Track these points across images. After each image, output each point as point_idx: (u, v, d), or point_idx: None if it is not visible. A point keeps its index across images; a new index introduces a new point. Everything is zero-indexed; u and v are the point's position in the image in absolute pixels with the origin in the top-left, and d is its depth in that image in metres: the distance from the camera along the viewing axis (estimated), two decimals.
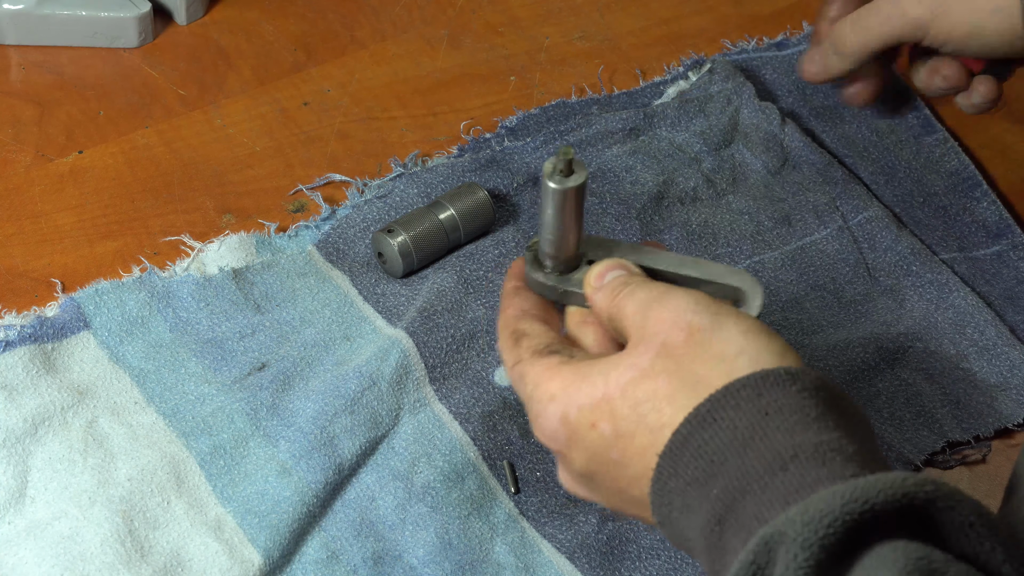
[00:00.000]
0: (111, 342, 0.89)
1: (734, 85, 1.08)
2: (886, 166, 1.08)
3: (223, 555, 0.81)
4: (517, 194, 1.00)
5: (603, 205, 1.00)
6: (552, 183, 0.70)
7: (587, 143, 1.03)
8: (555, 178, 0.70)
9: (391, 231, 0.94)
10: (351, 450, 0.85)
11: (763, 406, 0.60)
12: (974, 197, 1.06)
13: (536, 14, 1.16)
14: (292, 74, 1.09)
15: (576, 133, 1.04)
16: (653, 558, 0.84)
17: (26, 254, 0.95)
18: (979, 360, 0.95)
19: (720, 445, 0.60)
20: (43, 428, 0.85)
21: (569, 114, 1.07)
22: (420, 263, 0.95)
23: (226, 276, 0.93)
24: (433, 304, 0.92)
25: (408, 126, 1.06)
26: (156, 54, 1.09)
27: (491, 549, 0.84)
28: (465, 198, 0.96)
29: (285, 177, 1.02)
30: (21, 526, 0.81)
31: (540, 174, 0.74)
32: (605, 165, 1.02)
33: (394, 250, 0.94)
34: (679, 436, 0.62)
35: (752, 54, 1.13)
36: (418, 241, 0.94)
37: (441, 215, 0.95)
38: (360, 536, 0.83)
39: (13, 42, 1.07)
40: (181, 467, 0.85)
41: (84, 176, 1.00)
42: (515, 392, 0.86)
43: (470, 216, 0.96)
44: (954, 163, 1.08)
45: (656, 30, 1.16)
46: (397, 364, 0.88)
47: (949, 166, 1.08)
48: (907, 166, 1.08)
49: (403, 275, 0.95)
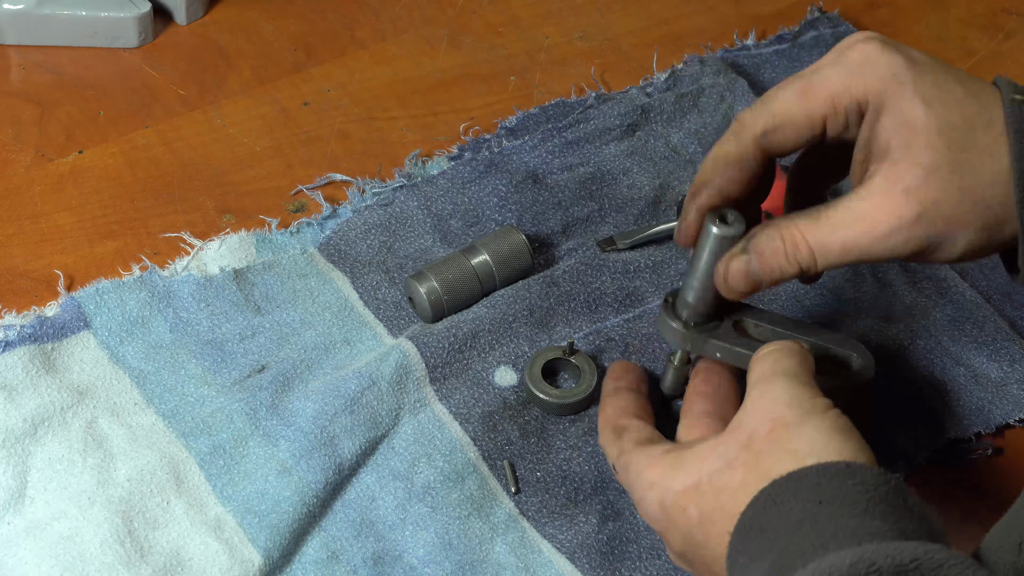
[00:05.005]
0: (111, 342, 0.89)
1: (726, 81, 1.08)
2: None
3: (223, 555, 0.81)
4: (517, 192, 1.00)
5: (602, 212, 1.00)
6: (715, 228, 0.77)
7: (584, 140, 1.03)
8: (718, 224, 0.77)
9: (422, 276, 0.92)
10: (351, 450, 0.85)
11: (819, 495, 0.66)
12: None
13: (536, 14, 1.16)
14: (292, 74, 1.09)
15: (574, 130, 1.04)
16: (653, 558, 0.84)
17: (26, 254, 0.95)
18: (979, 356, 0.95)
19: (776, 525, 0.66)
20: (43, 428, 0.85)
21: (568, 114, 1.07)
22: (451, 310, 0.92)
23: (227, 277, 0.93)
24: None
25: (408, 126, 1.06)
26: (156, 54, 1.09)
27: (491, 549, 0.84)
28: (501, 242, 0.93)
29: (285, 177, 1.02)
30: (21, 526, 0.81)
31: (703, 225, 0.79)
32: (603, 166, 1.02)
33: (423, 298, 0.91)
34: (745, 517, 0.68)
35: (753, 51, 1.13)
36: (449, 288, 0.92)
37: (474, 260, 0.93)
38: (360, 536, 0.83)
39: (13, 42, 1.07)
40: (181, 467, 0.85)
41: (84, 176, 1.00)
42: (524, 404, 0.89)
43: (506, 262, 0.93)
44: None
45: (656, 30, 1.16)
46: (397, 364, 0.88)
47: None
48: None
49: (434, 321, 0.93)
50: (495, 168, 1.01)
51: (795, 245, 0.77)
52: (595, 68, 1.12)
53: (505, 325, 0.92)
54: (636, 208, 1.01)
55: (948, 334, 0.96)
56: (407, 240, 0.97)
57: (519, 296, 0.93)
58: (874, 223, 0.76)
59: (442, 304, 0.92)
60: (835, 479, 0.66)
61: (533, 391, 0.89)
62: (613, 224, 1.00)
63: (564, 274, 0.96)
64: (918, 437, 0.91)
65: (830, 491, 0.66)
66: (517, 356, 0.91)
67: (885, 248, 0.76)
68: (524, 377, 0.90)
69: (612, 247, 0.98)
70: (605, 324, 0.94)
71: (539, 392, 0.89)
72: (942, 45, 1.18)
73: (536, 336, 0.93)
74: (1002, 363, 0.94)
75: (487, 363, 0.91)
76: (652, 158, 1.04)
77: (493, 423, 0.88)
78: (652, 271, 0.98)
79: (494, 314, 0.92)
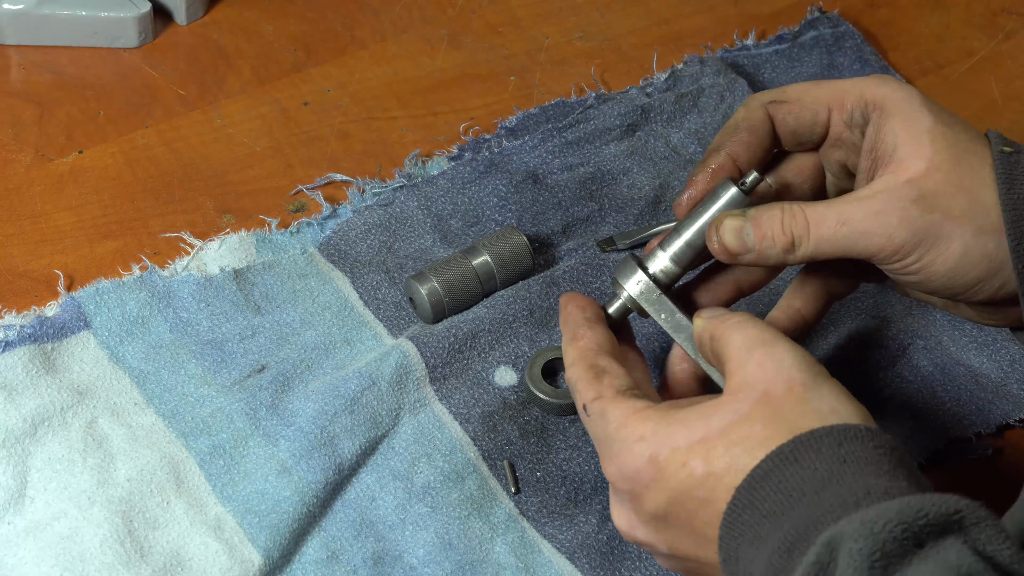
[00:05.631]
0: (111, 342, 0.89)
1: (726, 81, 1.08)
2: None
3: (223, 555, 0.81)
4: (517, 192, 1.00)
5: (602, 212, 1.00)
6: (732, 186, 0.79)
7: (584, 140, 1.03)
8: (735, 184, 0.80)
9: (422, 277, 0.92)
10: (351, 450, 0.85)
11: (843, 454, 0.66)
12: None
13: (536, 14, 1.16)
14: (292, 74, 1.09)
15: (574, 130, 1.04)
16: (653, 558, 0.84)
17: (26, 254, 0.95)
18: (979, 356, 0.95)
19: (799, 482, 0.65)
20: (43, 428, 0.85)
21: (568, 114, 1.07)
22: (452, 311, 0.92)
23: (227, 277, 0.93)
24: None
25: (408, 126, 1.06)
26: (156, 54, 1.09)
27: (491, 549, 0.84)
28: (502, 243, 0.94)
29: (285, 177, 1.02)
30: (20, 526, 0.81)
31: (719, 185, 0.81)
32: (603, 166, 1.02)
33: (424, 298, 0.91)
34: (760, 470, 0.66)
35: (753, 51, 1.13)
36: (450, 289, 0.92)
37: (475, 261, 0.93)
38: (360, 536, 0.83)
39: (13, 42, 1.07)
40: (180, 467, 0.85)
41: (84, 176, 1.00)
42: (524, 404, 0.87)
43: (507, 263, 0.93)
44: None
45: (656, 30, 1.16)
46: (397, 364, 0.88)
47: None
48: None
49: (434, 322, 0.93)
50: (495, 168, 1.01)
51: (792, 215, 0.79)
52: (595, 68, 1.12)
53: (505, 325, 0.92)
54: (636, 208, 1.01)
55: (948, 334, 0.96)
56: (407, 240, 0.97)
57: (519, 296, 0.93)
58: (871, 201, 0.79)
59: (443, 305, 0.92)
60: (856, 440, 0.66)
61: (533, 391, 0.89)
62: (613, 224, 1.00)
63: (564, 274, 0.96)
64: (918, 437, 0.91)
65: (853, 452, 0.65)
66: (517, 356, 0.91)
67: (879, 226, 0.78)
68: (524, 377, 0.90)
69: (612, 247, 0.98)
70: None
71: (539, 392, 0.89)
72: (942, 45, 1.18)
73: (536, 336, 0.93)
74: (1002, 363, 0.94)
75: (487, 363, 0.91)
76: (652, 158, 1.04)
77: (493, 423, 0.88)
78: None
79: (494, 314, 0.92)
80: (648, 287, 0.81)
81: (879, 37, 1.18)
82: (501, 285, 0.94)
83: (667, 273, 0.81)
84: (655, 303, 0.80)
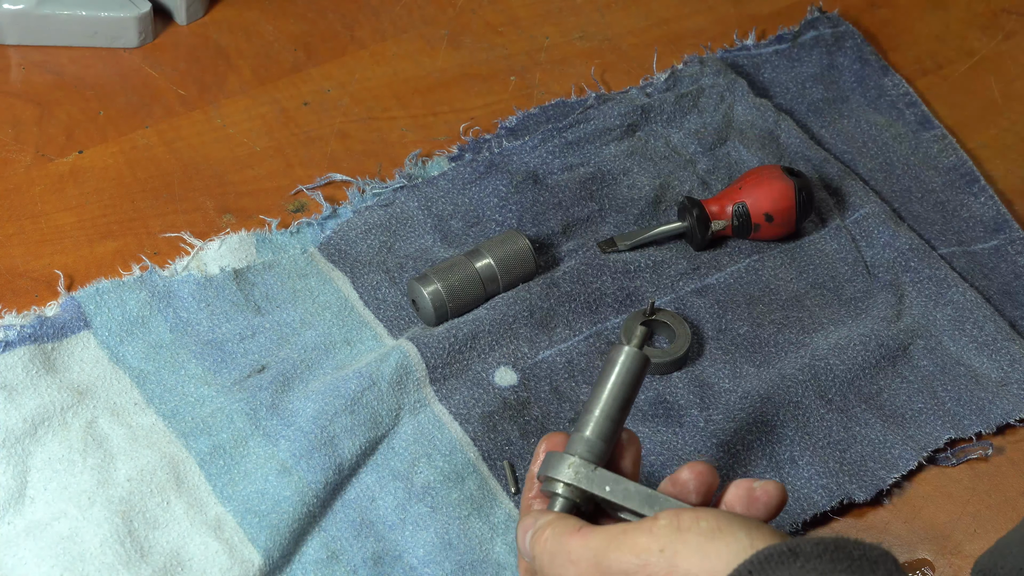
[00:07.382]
0: (111, 342, 0.89)
1: (726, 81, 1.08)
2: (884, 162, 1.08)
3: (223, 555, 0.81)
4: (518, 193, 1.00)
5: (602, 212, 1.00)
6: (628, 346, 0.72)
7: (584, 140, 1.03)
8: (633, 344, 0.72)
9: (425, 279, 0.92)
10: (351, 450, 0.85)
11: None
12: (971, 192, 1.06)
13: (536, 14, 1.16)
14: (292, 74, 1.09)
15: (574, 130, 1.04)
16: None
17: (26, 254, 0.95)
18: (979, 356, 0.95)
19: None
20: (43, 428, 0.85)
21: (568, 114, 1.07)
22: (454, 314, 0.92)
23: (227, 276, 0.93)
24: None
25: (408, 126, 1.06)
26: (156, 54, 1.09)
27: (491, 549, 0.84)
28: (505, 246, 0.93)
29: (285, 177, 1.02)
30: (21, 526, 0.81)
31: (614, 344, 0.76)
32: (603, 166, 1.02)
33: (427, 300, 0.91)
34: None
35: (752, 51, 1.14)
36: (453, 291, 0.92)
37: (478, 263, 0.93)
38: (360, 536, 0.83)
39: (13, 42, 1.07)
40: (180, 467, 0.85)
41: (84, 176, 1.00)
42: (524, 404, 0.87)
43: (509, 266, 0.93)
44: (952, 159, 1.09)
45: (656, 30, 1.16)
46: (397, 364, 0.88)
47: (947, 162, 1.08)
48: (905, 162, 1.08)
49: (436, 324, 0.93)
50: (495, 168, 1.01)
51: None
52: (595, 68, 1.12)
53: (505, 326, 0.92)
54: (636, 208, 1.01)
55: (948, 334, 0.96)
56: (407, 240, 0.97)
57: (519, 297, 0.93)
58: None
59: (445, 308, 0.92)
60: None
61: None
62: (613, 224, 1.00)
63: (564, 275, 0.96)
64: (918, 437, 0.91)
65: None
66: (517, 357, 0.92)
67: None
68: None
69: (612, 248, 0.98)
70: (605, 325, 0.94)
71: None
72: (942, 45, 1.18)
73: (536, 337, 0.93)
74: (1002, 363, 0.94)
75: (487, 364, 0.91)
76: (652, 158, 1.04)
77: (493, 423, 0.88)
78: (652, 271, 0.98)
79: (494, 315, 0.92)
80: (584, 464, 0.72)
81: (879, 37, 1.18)
82: (504, 289, 0.94)
83: (593, 451, 0.72)
84: (594, 479, 0.71)
